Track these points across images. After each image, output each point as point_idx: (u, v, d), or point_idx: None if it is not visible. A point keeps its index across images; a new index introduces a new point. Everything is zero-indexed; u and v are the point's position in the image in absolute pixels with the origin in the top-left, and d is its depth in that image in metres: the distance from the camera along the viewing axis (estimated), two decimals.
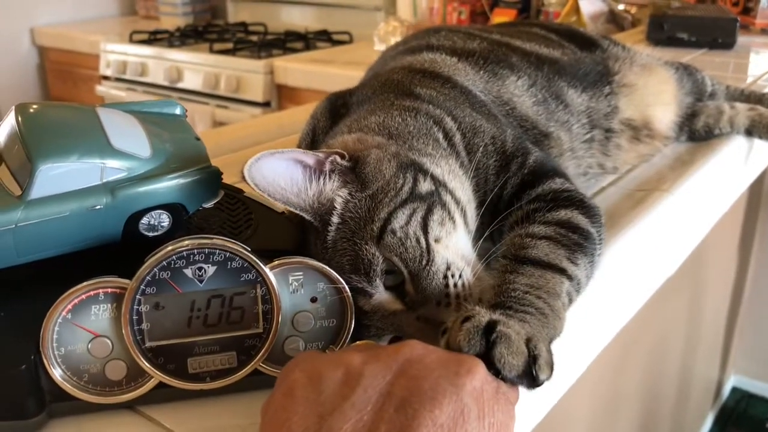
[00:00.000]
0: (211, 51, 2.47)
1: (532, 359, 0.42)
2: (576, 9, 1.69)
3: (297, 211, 0.55)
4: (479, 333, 0.43)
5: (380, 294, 0.53)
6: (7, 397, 0.47)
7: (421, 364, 0.40)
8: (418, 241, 0.53)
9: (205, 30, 2.79)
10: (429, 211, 0.55)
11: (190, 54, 2.50)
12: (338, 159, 0.56)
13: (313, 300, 0.53)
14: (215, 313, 0.51)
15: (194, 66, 2.48)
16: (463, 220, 0.58)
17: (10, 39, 2.95)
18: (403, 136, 0.62)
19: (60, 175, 0.49)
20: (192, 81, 2.48)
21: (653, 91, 0.95)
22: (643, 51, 1.06)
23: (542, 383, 0.43)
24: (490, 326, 0.43)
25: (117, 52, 2.69)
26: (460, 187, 0.60)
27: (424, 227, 0.54)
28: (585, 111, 0.84)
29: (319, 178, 0.55)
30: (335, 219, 0.55)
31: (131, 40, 2.68)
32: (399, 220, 0.54)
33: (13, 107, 0.53)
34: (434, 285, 0.53)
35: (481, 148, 0.66)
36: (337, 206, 0.55)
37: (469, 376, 0.39)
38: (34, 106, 0.54)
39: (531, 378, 0.42)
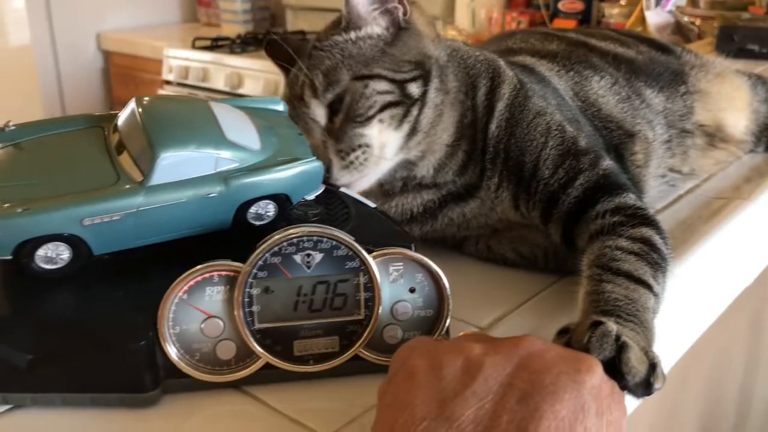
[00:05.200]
0: None
1: (651, 368, 0.44)
2: (642, 20, 1.69)
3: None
4: (612, 338, 0.44)
5: (321, 103, 0.65)
6: (127, 370, 0.50)
7: (541, 359, 0.41)
8: (370, 107, 0.63)
9: (265, 38, 2.85)
10: (396, 105, 0.64)
11: (251, 61, 2.55)
12: (401, 10, 0.66)
13: (412, 290, 0.54)
14: (320, 299, 0.53)
15: (254, 72, 2.53)
16: (406, 134, 0.65)
17: (77, 44, 3.05)
18: (454, 60, 0.70)
19: (179, 164, 0.52)
20: (252, 87, 2.53)
21: (726, 97, 0.95)
22: (716, 59, 1.05)
23: (655, 391, 0.44)
24: (618, 334, 0.45)
25: (180, 58, 2.76)
26: (437, 121, 0.67)
27: (382, 107, 0.64)
28: (662, 111, 0.85)
29: (379, 3, 0.65)
30: (352, 35, 0.65)
31: (194, 46, 2.75)
32: (377, 85, 0.64)
33: (133, 99, 0.56)
34: (348, 136, 0.64)
35: (529, 124, 0.69)
36: (361, 29, 0.65)
37: (589, 374, 0.40)
38: (154, 99, 0.57)
39: (646, 386, 0.44)
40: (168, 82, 2.83)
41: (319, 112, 0.65)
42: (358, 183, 0.66)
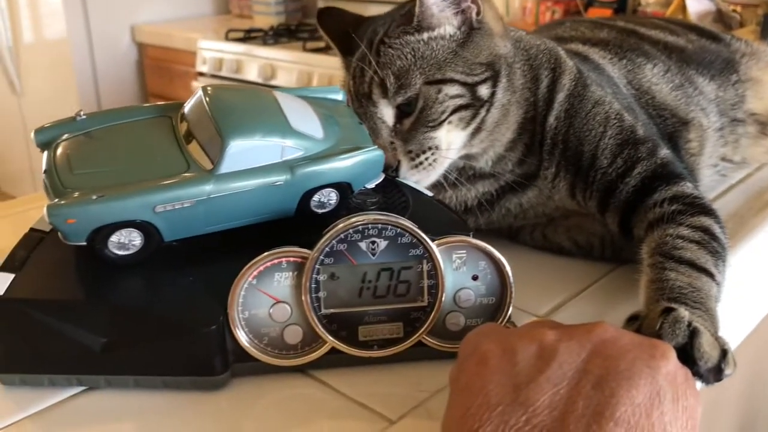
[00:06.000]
0: (305, 49, 2.53)
1: (723, 353, 0.44)
2: (682, 8, 1.66)
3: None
4: (684, 324, 0.45)
5: (390, 104, 0.65)
6: (198, 354, 0.52)
7: (615, 345, 0.41)
8: (443, 112, 0.63)
9: (298, 29, 2.86)
10: (466, 107, 0.65)
11: (284, 52, 2.56)
12: (474, 10, 0.65)
13: (475, 278, 0.55)
14: (384, 285, 0.53)
15: (287, 64, 2.55)
16: (470, 133, 0.66)
17: (112, 36, 3.09)
18: (519, 52, 0.70)
19: (247, 152, 0.53)
20: (285, 79, 2.54)
21: None
22: (767, 48, 1.04)
23: (725, 377, 0.44)
24: (690, 320, 0.45)
25: (213, 50, 2.78)
26: (502, 120, 0.67)
27: (453, 110, 0.64)
28: (714, 100, 0.84)
29: (454, 4, 0.65)
30: (425, 35, 0.64)
31: (227, 38, 2.77)
32: (449, 90, 0.64)
33: (200, 89, 0.57)
34: (419, 139, 0.64)
35: (586, 115, 0.68)
36: (434, 29, 0.64)
37: (663, 360, 0.41)
38: (220, 89, 0.58)
39: (717, 372, 0.44)
40: (201, 74, 2.86)
41: (387, 113, 0.65)
42: (424, 181, 0.66)
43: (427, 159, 0.65)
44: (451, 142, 0.65)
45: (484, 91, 0.65)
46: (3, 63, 3.15)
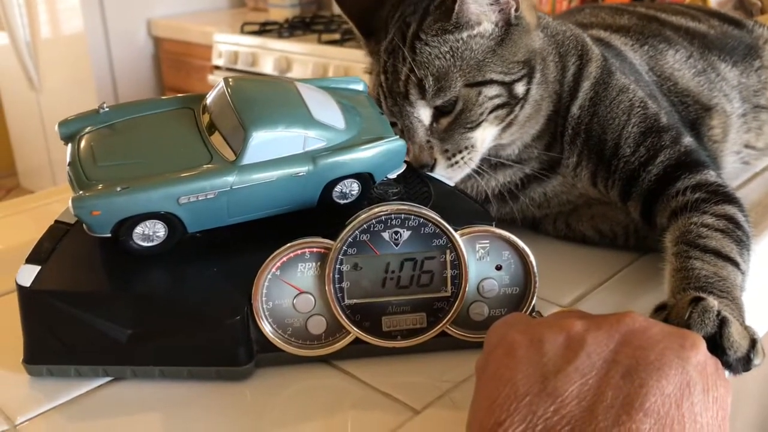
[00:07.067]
0: (320, 42, 2.53)
1: (752, 343, 0.44)
2: None
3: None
4: (714, 314, 0.44)
5: (428, 105, 0.64)
6: (223, 344, 0.52)
7: (644, 335, 0.41)
8: (481, 114, 0.63)
9: (313, 21, 2.85)
10: (502, 106, 0.64)
11: (299, 45, 2.56)
12: (513, 6, 0.64)
13: (498, 268, 0.55)
14: (407, 276, 0.53)
15: (303, 56, 2.54)
16: (502, 128, 0.66)
17: (128, 31, 3.10)
18: (548, 41, 0.69)
19: (269, 143, 0.53)
20: (301, 71, 2.54)
21: None
22: None
23: (753, 367, 0.44)
24: (719, 309, 0.45)
25: (229, 43, 2.79)
26: (534, 114, 0.67)
27: (492, 109, 0.64)
28: (737, 86, 0.83)
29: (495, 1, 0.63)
30: (464, 34, 0.62)
31: (242, 31, 2.77)
32: (489, 91, 0.63)
33: (222, 80, 0.57)
34: (456, 139, 0.64)
35: (609, 102, 0.68)
36: (473, 27, 0.63)
37: (693, 350, 0.40)
38: (242, 80, 0.58)
39: (746, 361, 0.44)
40: (218, 68, 2.86)
41: (424, 113, 0.64)
42: (457, 177, 0.66)
43: (462, 158, 0.65)
44: (485, 139, 0.65)
45: (520, 88, 0.64)
46: (21, 58, 3.17)
